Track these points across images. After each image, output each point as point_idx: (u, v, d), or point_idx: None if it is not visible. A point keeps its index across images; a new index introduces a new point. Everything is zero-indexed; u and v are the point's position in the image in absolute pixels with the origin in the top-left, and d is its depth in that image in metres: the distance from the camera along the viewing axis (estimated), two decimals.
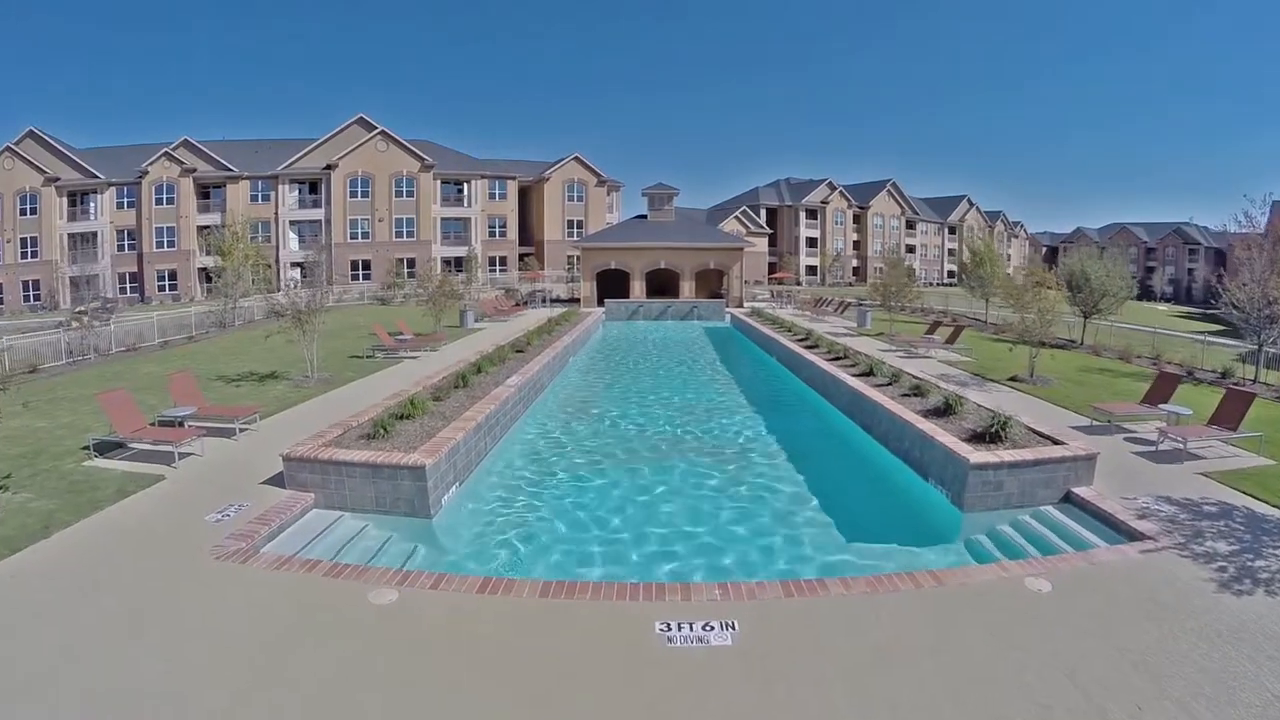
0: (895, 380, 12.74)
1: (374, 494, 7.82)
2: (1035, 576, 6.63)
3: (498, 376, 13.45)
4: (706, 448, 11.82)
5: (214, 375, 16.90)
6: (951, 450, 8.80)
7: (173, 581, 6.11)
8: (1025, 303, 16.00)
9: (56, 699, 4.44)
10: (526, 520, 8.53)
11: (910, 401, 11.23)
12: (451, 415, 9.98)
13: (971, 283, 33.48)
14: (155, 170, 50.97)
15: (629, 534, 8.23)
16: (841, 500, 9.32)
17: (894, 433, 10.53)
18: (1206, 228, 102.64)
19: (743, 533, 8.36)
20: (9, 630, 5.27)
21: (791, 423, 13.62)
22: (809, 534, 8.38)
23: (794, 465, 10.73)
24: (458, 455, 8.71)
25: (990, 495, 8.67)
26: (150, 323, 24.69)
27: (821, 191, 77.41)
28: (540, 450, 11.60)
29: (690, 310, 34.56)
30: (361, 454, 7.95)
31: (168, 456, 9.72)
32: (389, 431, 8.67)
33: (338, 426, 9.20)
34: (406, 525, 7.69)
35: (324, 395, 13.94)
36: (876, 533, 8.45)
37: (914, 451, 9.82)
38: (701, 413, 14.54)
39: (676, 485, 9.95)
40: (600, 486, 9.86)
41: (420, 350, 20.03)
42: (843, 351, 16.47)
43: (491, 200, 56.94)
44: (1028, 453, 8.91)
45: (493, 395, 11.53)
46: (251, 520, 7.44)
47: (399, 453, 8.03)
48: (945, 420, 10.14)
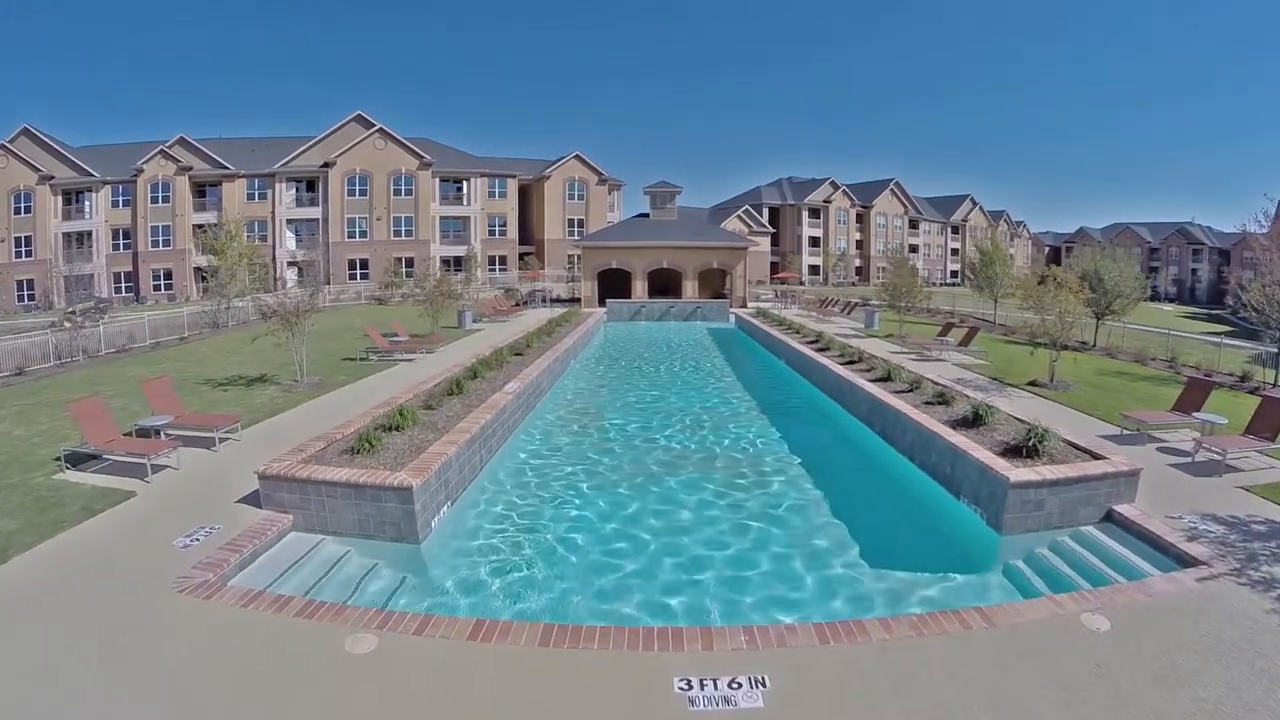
0: (916, 386, 12.01)
1: (357, 517, 7.12)
2: (1091, 613, 6.02)
3: (495, 382, 12.74)
4: (718, 461, 11.07)
5: (202, 379, 16.27)
6: (987, 466, 8.11)
7: (125, 622, 5.42)
8: (1046, 304, 15.28)
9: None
10: (524, 547, 7.79)
11: (935, 410, 10.52)
12: (444, 426, 9.26)
13: (980, 283, 32.81)
14: (151, 168, 50.25)
15: (637, 561, 7.50)
16: (866, 520, 8.62)
17: (920, 445, 9.82)
18: (1210, 227, 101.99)
19: (762, 559, 7.65)
20: None
21: (806, 432, 12.90)
22: (834, 560, 7.69)
23: (812, 480, 10.02)
24: (450, 472, 7.99)
25: (1030, 516, 7.98)
26: (142, 323, 24.06)
27: (824, 190, 76.67)
28: (540, 464, 10.82)
29: (694, 311, 33.86)
30: (343, 472, 7.24)
31: (142, 469, 9.04)
32: (375, 446, 7.94)
33: (320, 439, 8.49)
34: (393, 551, 6.99)
35: (312, 401, 13.24)
36: (906, 557, 7.75)
37: (943, 466, 9.12)
38: (710, 422, 13.77)
39: (688, 505, 9.19)
40: (605, 507, 9.08)
41: (416, 352, 19.33)
42: (856, 355, 15.74)
43: (491, 199, 56.19)
44: (1069, 469, 8.23)
45: (489, 403, 10.81)
46: (222, 546, 6.75)
47: (384, 471, 7.32)
48: (975, 432, 9.44)
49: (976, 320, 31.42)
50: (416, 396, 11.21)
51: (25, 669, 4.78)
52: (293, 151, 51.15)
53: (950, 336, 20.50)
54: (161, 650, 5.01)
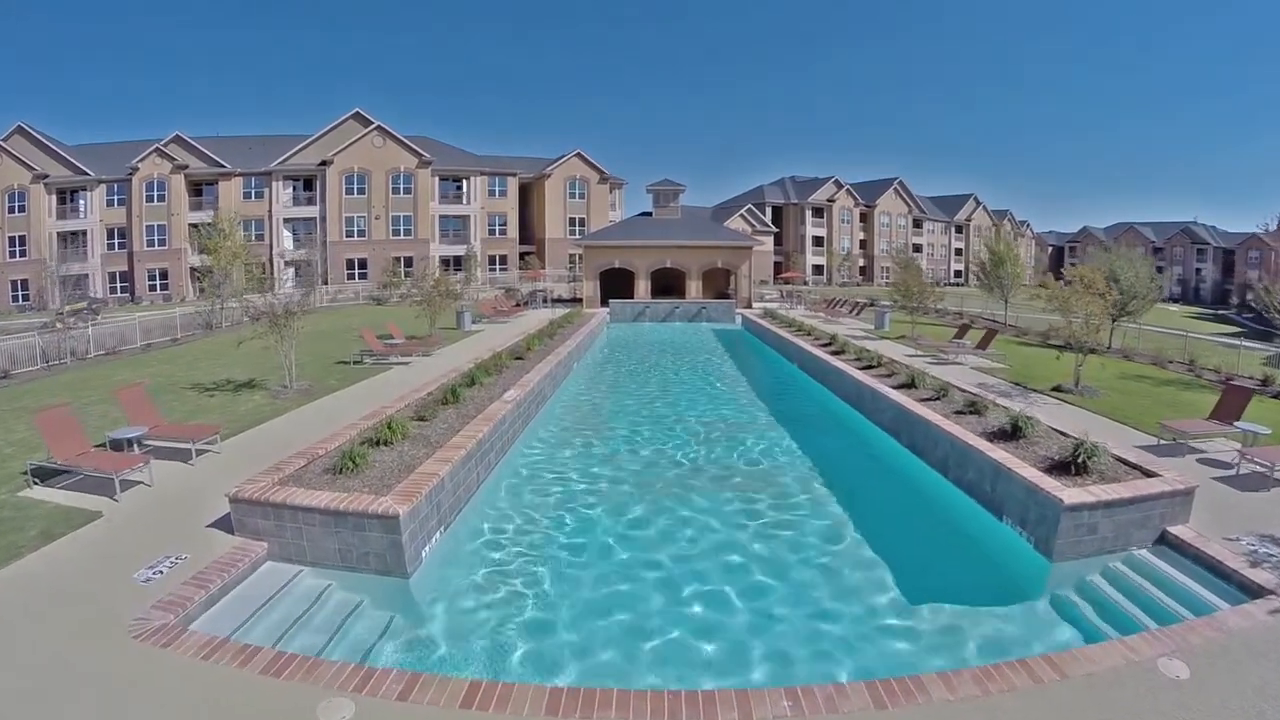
0: (943, 394, 11.25)
1: (338, 547, 6.37)
2: (1168, 657, 5.39)
3: (494, 389, 11.99)
4: (735, 478, 10.23)
5: (189, 383, 15.60)
6: (1035, 486, 7.37)
7: (67, 676, 4.69)
8: (1073, 307, 14.54)
9: None
10: (526, 581, 6.99)
11: (967, 421, 9.77)
12: (437, 440, 8.51)
13: (990, 283, 32.14)
14: (146, 167, 49.52)
15: (655, 600, 6.70)
16: (900, 544, 7.87)
17: (955, 459, 9.07)
18: (1214, 227, 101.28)
19: (793, 594, 6.88)
20: None
21: (826, 443, 12.08)
22: (871, 592, 6.94)
23: (836, 499, 9.24)
24: (442, 494, 7.23)
25: (1082, 541, 7.26)
26: (133, 325, 23.38)
27: (828, 189, 75.92)
28: (543, 481, 9.98)
29: (699, 311, 33.10)
30: (322, 496, 6.48)
31: (112, 485, 8.32)
32: (359, 465, 7.17)
33: (301, 455, 7.73)
34: (379, 586, 6.23)
35: (300, 409, 12.51)
36: (949, 588, 7.01)
37: (982, 484, 8.37)
38: (724, 432, 12.93)
39: (706, 529, 8.36)
40: (616, 533, 8.24)
41: (412, 355, 18.59)
42: (874, 359, 14.96)
43: (491, 197, 55.42)
44: (1124, 489, 7.51)
45: (487, 414, 10.04)
46: (187, 580, 6.01)
47: (368, 495, 6.56)
48: (1015, 445, 8.70)
49: (987, 321, 30.74)
50: (408, 406, 10.45)
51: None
52: (290, 149, 50.40)
53: (967, 339, 19.75)
54: (103, 716, 4.28)
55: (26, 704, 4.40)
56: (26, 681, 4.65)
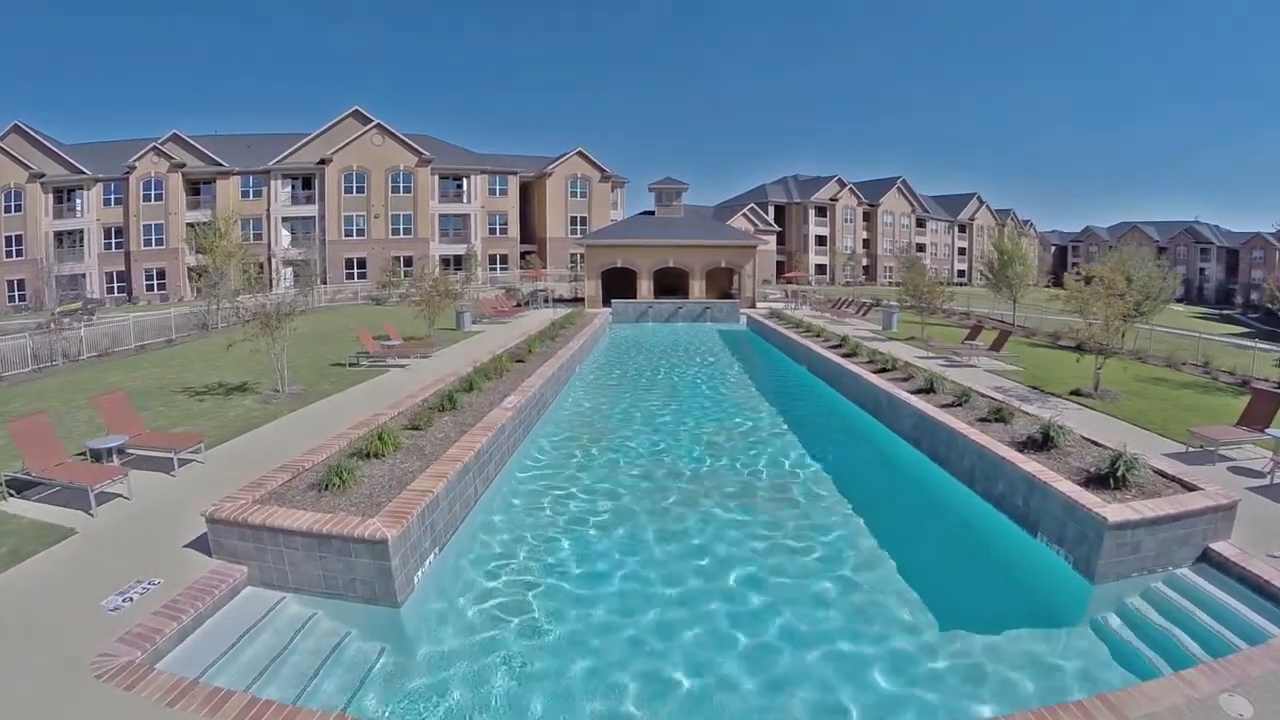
0: (965, 400, 10.72)
1: (322, 573, 5.86)
2: (1228, 693, 4.97)
3: (493, 394, 11.46)
4: (747, 490, 9.66)
5: (180, 386, 15.16)
6: (1074, 502, 6.86)
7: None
8: (1094, 308, 14.03)
9: None
10: (527, 610, 6.42)
11: (993, 429, 9.25)
12: (432, 452, 7.99)
13: (998, 283, 31.67)
14: (143, 165, 49.06)
15: (665, 631, 6.14)
16: (926, 564, 7.36)
17: (983, 471, 8.55)
18: (1218, 227, 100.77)
19: (809, 625, 6.36)
20: None
21: (842, 452, 11.51)
22: (894, 619, 6.43)
23: (857, 513, 8.70)
24: (437, 512, 6.71)
25: (1124, 561, 6.77)
26: (126, 325, 22.93)
27: (831, 188, 75.36)
28: (544, 496, 9.40)
29: (703, 311, 32.57)
30: (304, 518, 5.96)
31: (89, 499, 7.84)
32: (346, 480, 6.64)
33: (286, 469, 7.21)
34: (368, 616, 5.71)
35: (291, 415, 12.02)
36: (980, 613, 6.52)
37: (1014, 498, 7.85)
38: (735, 440, 12.28)
39: (719, 546, 7.83)
40: (623, 553, 7.69)
41: (409, 357, 18.09)
42: (889, 361, 14.42)
43: (492, 196, 54.91)
44: (1167, 504, 7.01)
45: (485, 422, 9.49)
46: (158, 610, 5.52)
47: (354, 517, 6.03)
48: (1047, 456, 8.18)
49: (994, 321, 30.25)
50: (402, 414, 9.91)
51: None
52: (288, 148, 49.92)
53: (980, 340, 19.22)
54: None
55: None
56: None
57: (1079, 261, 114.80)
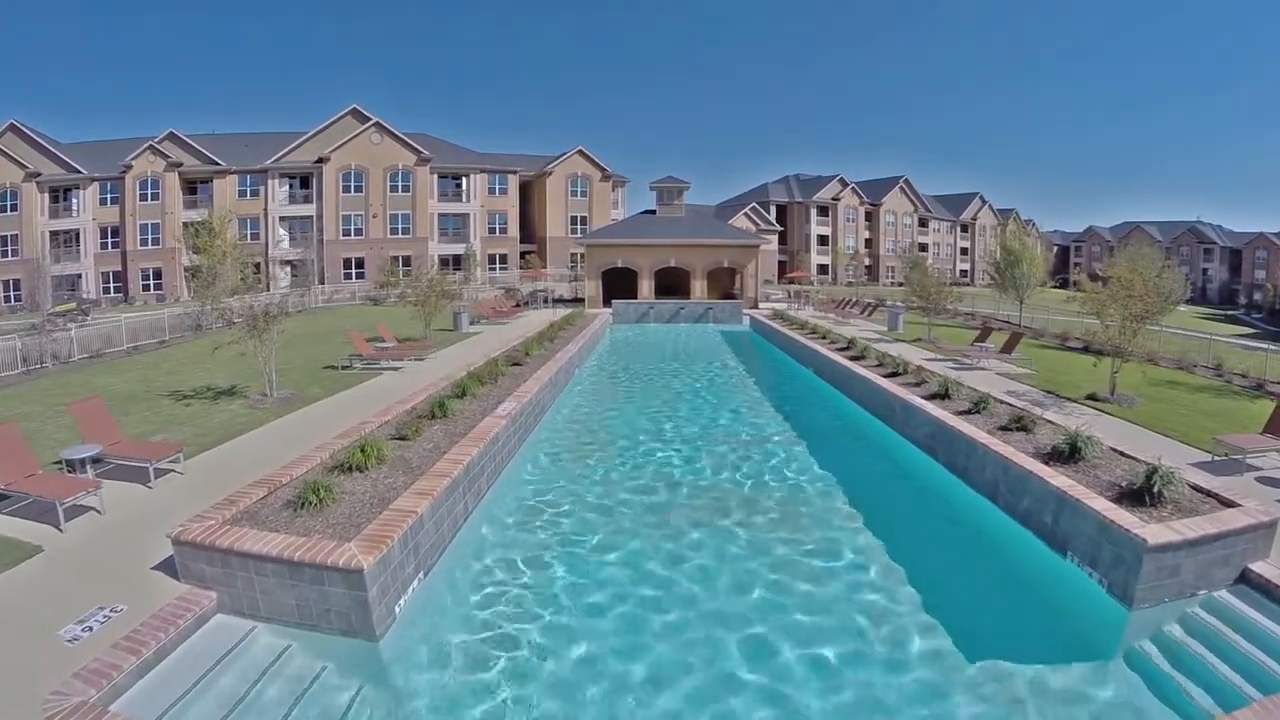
0: (983, 406, 10.20)
1: (295, 602, 5.38)
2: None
3: (487, 400, 10.97)
4: (754, 506, 9.06)
5: (168, 390, 14.75)
6: (1109, 521, 6.38)
7: None
8: (1111, 310, 13.55)
9: None
10: (519, 644, 5.86)
11: (1014, 438, 8.76)
12: (420, 465, 7.50)
13: (1005, 283, 31.15)
14: (139, 164, 48.59)
15: (673, 669, 5.65)
16: (946, 585, 6.88)
17: (1007, 484, 8.07)
18: (1221, 226, 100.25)
19: (823, 656, 5.88)
20: None
21: (853, 462, 10.92)
22: (916, 645, 5.96)
23: (870, 528, 8.21)
24: (421, 533, 6.23)
25: (1163, 584, 6.30)
26: (119, 327, 22.51)
27: (833, 188, 74.83)
28: (540, 511, 8.80)
29: (705, 312, 32.04)
30: (274, 542, 5.47)
31: (56, 513, 7.39)
32: (324, 498, 6.14)
33: (262, 484, 6.73)
34: (344, 649, 5.24)
35: (277, 421, 11.55)
36: (1007, 642, 6.05)
37: (1041, 514, 7.37)
38: (739, 451, 11.63)
39: (726, 571, 7.28)
40: (624, 575, 7.16)
41: (404, 360, 17.61)
42: (899, 365, 13.90)
43: (491, 195, 54.41)
44: (1207, 523, 6.55)
45: (477, 432, 8.97)
46: (119, 641, 5.06)
47: (329, 541, 5.53)
48: (1074, 469, 7.70)
49: (1001, 322, 29.76)
50: (389, 423, 9.39)
51: None
52: (286, 146, 49.44)
53: (990, 342, 18.71)
54: None
55: None
56: None
57: (1080, 261, 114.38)
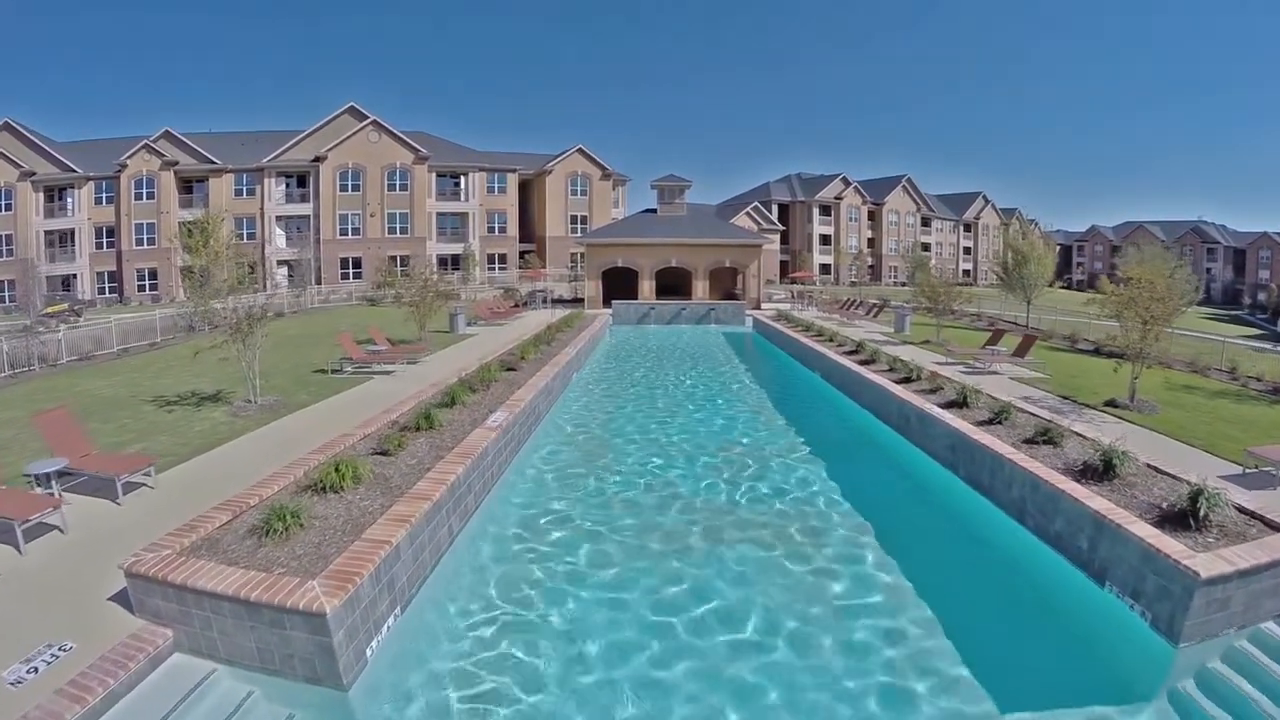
0: (1005, 416, 9.62)
1: (255, 645, 4.83)
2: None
3: (478, 409, 10.41)
4: (762, 525, 8.39)
5: (152, 395, 14.28)
6: (1155, 549, 5.82)
7: None
8: (1134, 312, 12.98)
9: None
10: (508, 694, 5.20)
11: (1042, 452, 8.20)
12: (400, 483, 6.94)
13: (1012, 283, 30.59)
14: (135, 163, 48.08)
15: (671, 695, 5.13)
16: (972, 617, 6.31)
17: (1036, 504, 7.51)
18: (1224, 226, 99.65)
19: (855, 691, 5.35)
20: None
21: (867, 476, 10.27)
22: (941, 684, 5.40)
23: (887, 550, 7.60)
24: (398, 565, 5.65)
25: (1213, 619, 5.74)
26: (109, 328, 21.99)
27: (835, 187, 74.23)
28: (533, 534, 8.09)
29: (707, 313, 31.45)
30: (232, 578, 4.91)
31: (14, 534, 6.86)
32: (290, 526, 5.56)
33: (227, 507, 6.17)
34: (311, 697, 4.69)
35: (259, 430, 11.01)
36: (1039, 680, 5.53)
37: (1075, 538, 6.80)
38: (745, 466, 10.85)
39: (737, 601, 6.65)
40: (624, 607, 6.46)
41: (396, 363, 17.07)
42: (912, 370, 13.30)
43: (490, 194, 53.86)
44: (1259, 550, 6.01)
45: (465, 446, 8.36)
46: (64, 688, 4.52)
47: (290, 578, 4.95)
48: (1109, 487, 7.15)
49: (1007, 323, 29.20)
50: (369, 436, 8.82)
51: None
52: (282, 145, 48.91)
53: (1002, 345, 18.13)
54: None
55: None
56: None
57: (1083, 261, 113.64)
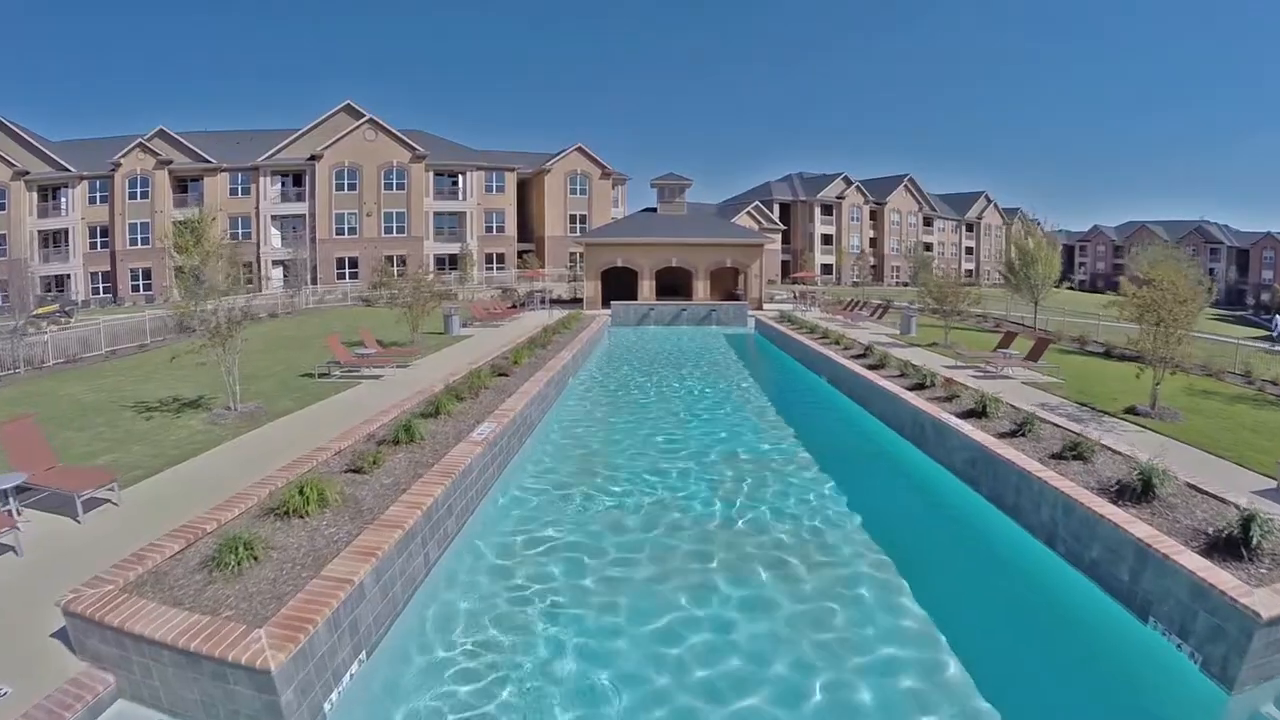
0: (1028, 428, 8.97)
1: (199, 698, 4.24)
2: None
3: (464, 420, 9.78)
4: (770, 551, 7.61)
5: (133, 400, 13.70)
6: (1208, 585, 5.22)
7: None
8: (1157, 316, 12.39)
9: None
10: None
11: (1070, 468, 7.60)
12: (373, 505, 6.33)
13: (1018, 284, 29.98)
14: (129, 162, 47.54)
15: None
16: (1002, 655, 5.70)
17: (1069, 528, 6.90)
18: (1227, 226, 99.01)
19: None
20: None
21: (882, 495, 9.52)
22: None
23: (904, 576, 6.92)
24: (362, 606, 5.03)
25: (1271, 660, 5.14)
26: (97, 330, 21.42)
27: (837, 186, 73.62)
28: (520, 561, 7.27)
29: (708, 314, 30.83)
30: (173, 622, 4.30)
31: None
32: (243, 561, 4.96)
33: (181, 534, 5.57)
34: None
35: (234, 441, 10.43)
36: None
37: (1115, 568, 6.19)
38: (748, 480, 10.05)
39: (746, 643, 5.91)
40: (621, 650, 5.75)
41: (385, 367, 16.48)
42: (925, 376, 12.65)
43: (488, 193, 53.27)
44: None
45: (448, 463, 7.71)
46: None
47: (235, 625, 4.34)
48: (1149, 511, 6.55)
49: (1012, 324, 28.59)
50: (342, 453, 8.18)
51: None
52: (278, 144, 48.35)
53: (1014, 348, 17.52)
54: None
55: None
56: None
57: (1085, 261, 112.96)
